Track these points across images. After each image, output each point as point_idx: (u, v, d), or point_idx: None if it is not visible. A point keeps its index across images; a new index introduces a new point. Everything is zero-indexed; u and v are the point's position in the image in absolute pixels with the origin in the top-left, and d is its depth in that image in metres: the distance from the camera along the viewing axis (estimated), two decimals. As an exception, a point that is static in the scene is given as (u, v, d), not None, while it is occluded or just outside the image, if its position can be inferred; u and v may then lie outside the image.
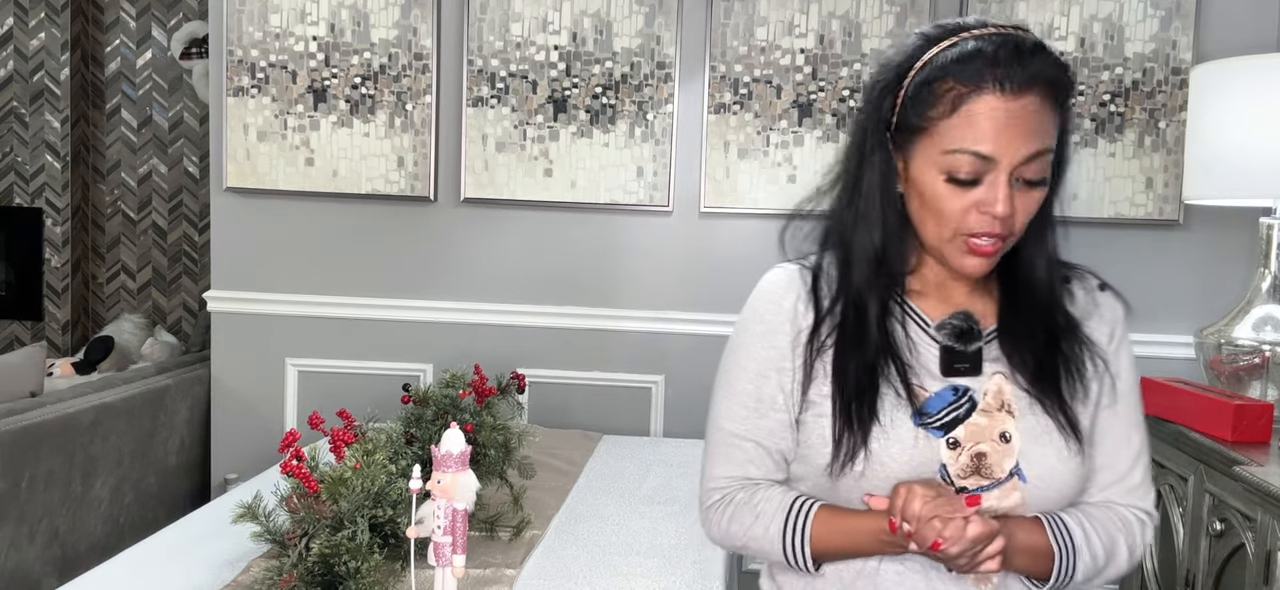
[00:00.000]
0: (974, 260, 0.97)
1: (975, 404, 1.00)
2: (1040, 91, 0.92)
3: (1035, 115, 0.91)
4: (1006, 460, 0.99)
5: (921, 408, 0.99)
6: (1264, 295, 2.09)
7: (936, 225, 0.97)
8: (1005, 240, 0.96)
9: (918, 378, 1.01)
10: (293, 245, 2.82)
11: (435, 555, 1.16)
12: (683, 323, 2.76)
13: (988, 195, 0.93)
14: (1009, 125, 0.91)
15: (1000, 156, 0.91)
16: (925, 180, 0.96)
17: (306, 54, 2.73)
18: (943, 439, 0.99)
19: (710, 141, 2.69)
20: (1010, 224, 0.94)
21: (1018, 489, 0.99)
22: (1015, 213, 0.94)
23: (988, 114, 0.91)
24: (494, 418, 1.78)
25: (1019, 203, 0.94)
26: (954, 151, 0.93)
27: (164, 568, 1.48)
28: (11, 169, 4.37)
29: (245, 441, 2.84)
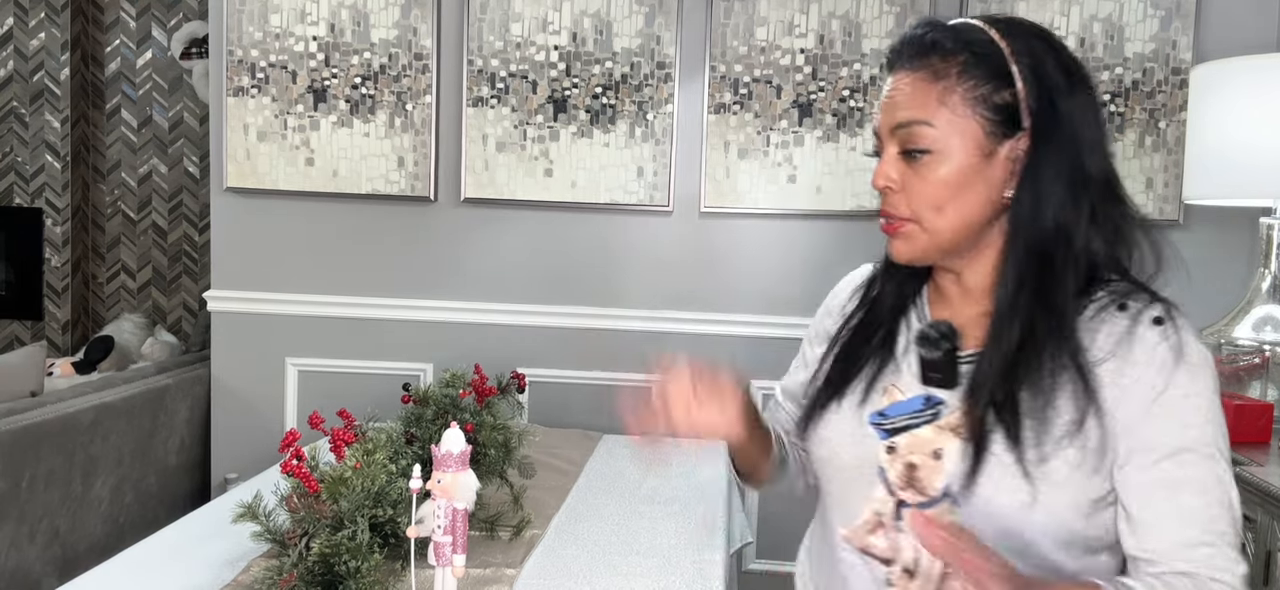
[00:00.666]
0: (889, 239, 0.99)
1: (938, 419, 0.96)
2: (908, 71, 0.94)
3: (906, 88, 0.94)
4: (936, 478, 0.90)
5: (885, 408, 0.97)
6: (1264, 295, 2.09)
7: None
8: (905, 222, 0.96)
9: (899, 379, 1.00)
10: (293, 245, 2.82)
11: (435, 555, 1.16)
12: (683, 323, 2.76)
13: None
14: (887, 103, 0.96)
15: (880, 129, 0.97)
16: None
17: (306, 54, 2.74)
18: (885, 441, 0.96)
19: (710, 141, 2.69)
20: (895, 201, 0.96)
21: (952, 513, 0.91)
22: (900, 186, 0.95)
23: (882, 95, 0.99)
24: (494, 418, 1.78)
25: (908, 179, 0.94)
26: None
27: (164, 568, 1.48)
28: (11, 169, 4.38)
29: (245, 441, 2.84)
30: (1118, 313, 0.91)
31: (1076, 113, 0.92)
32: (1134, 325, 0.90)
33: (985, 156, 0.93)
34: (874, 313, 1.06)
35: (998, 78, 0.92)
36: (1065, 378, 0.89)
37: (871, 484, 0.95)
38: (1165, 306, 0.92)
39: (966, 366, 0.96)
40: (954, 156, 0.92)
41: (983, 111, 0.92)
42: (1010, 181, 0.93)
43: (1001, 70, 0.92)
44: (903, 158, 0.95)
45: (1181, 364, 0.89)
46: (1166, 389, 0.88)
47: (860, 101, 2.65)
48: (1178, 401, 0.88)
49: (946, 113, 0.92)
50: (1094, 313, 0.92)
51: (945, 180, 0.93)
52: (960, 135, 0.92)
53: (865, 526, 0.96)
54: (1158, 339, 0.89)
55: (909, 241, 0.97)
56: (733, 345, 2.74)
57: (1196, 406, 0.88)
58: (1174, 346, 0.89)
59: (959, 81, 0.92)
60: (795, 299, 2.68)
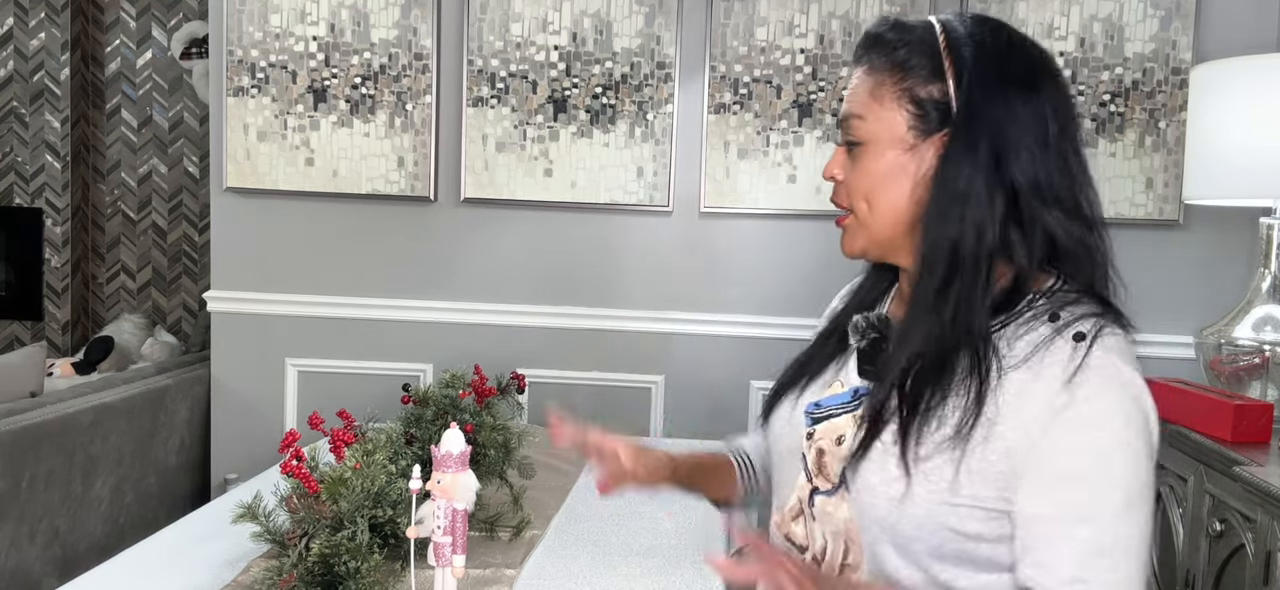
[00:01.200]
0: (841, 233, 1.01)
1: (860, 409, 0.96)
2: (860, 60, 0.97)
3: (854, 82, 0.97)
4: (836, 465, 0.94)
5: (821, 399, 1.01)
6: (1264, 295, 2.09)
7: None
8: (850, 215, 0.97)
9: (845, 372, 1.01)
10: (293, 245, 2.82)
11: (435, 555, 1.16)
12: (683, 323, 2.76)
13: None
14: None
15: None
16: None
17: (306, 54, 2.74)
18: (807, 428, 1.00)
19: (710, 141, 2.69)
20: (838, 193, 0.98)
21: (845, 500, 0.93)
22: (841, 177, 0.97)
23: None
24: (494, 418, 1.78)
25: (847, 172, 0.97)
26: None
27: (164, 568, 1.48)
28: (11, 169, 4.38)
29: (245, 441, 2.84)
30: (1046, 323, 0.87)
31: (1004, 112, 0.88)
32: (1054, 336, 0.85)
33: (907, 150, 0.92)
34: (847, 312, 1.08)
35: (931, 72, 0.91)
36: (968, 381, 0.86)
37: (797, 471, 1.01)
38: (1098, 322, 0.86)
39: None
40: (880, 149, 0.94)
41: (907, 104, 0.92)
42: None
43: (935, 65, 0.91)
44: (846, 151, 0.97)
45: (1088, 383, 0.82)
46: (1067, 407, 0.82)
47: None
48: (1078, 423, 0.82)
49: (876, 106, 0.94)
50: (1024, 321, 0.88)
51: (872, 172, 0.94)
52: (887, 128, 0.93)
53: (790, 513, 1.01)
54: (1071, 354, 0.84)
55: (849, 235, 0.99)
56: (733, 345, 2.74)
57: (1099, 435, 0.82)
58: (1085, 363, 0.83)
59: (890, 75, 0.93)
60: (795, 299, 2.68)
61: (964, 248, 0.88)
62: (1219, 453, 1.83)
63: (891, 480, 0.88)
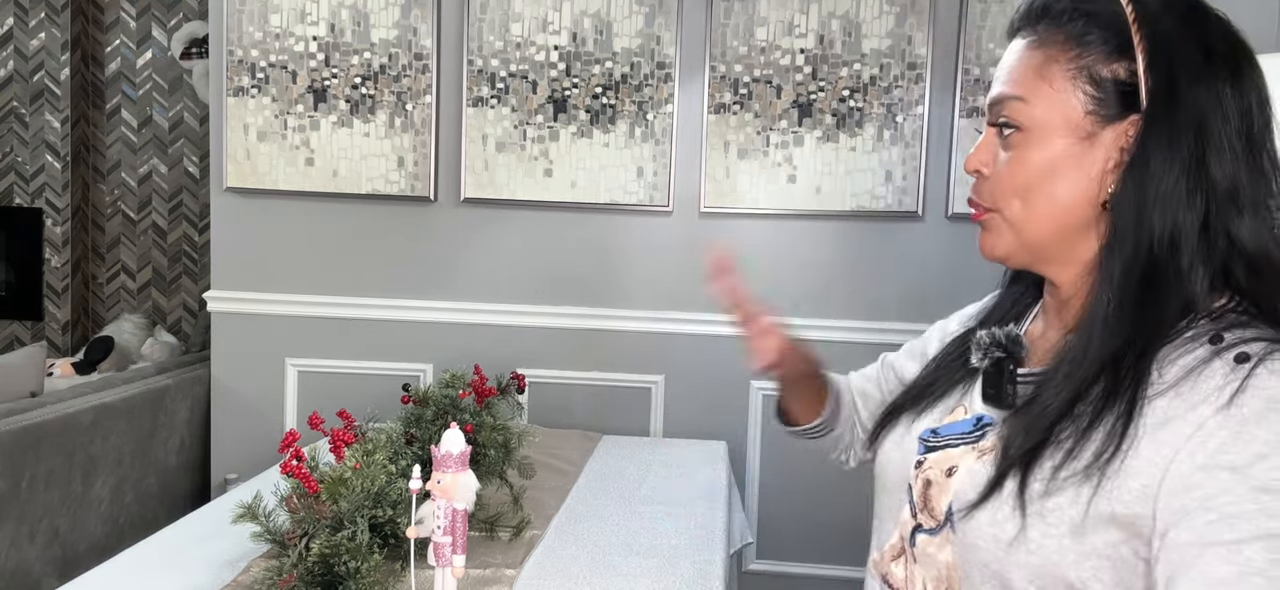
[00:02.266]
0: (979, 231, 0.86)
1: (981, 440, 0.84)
2: (1023, 32, 0.83)
3: (1012, 58, 0.82)
4: (944, 499, 0.82)
5: (938, 427, 0.89)
6: (1264, 295, 2.09)
7: None
8: (989, 212, 0.84)
9: (970, 397, 0.89)
10: (293, 245, 2.82)
11: (435, 555, 1.16)
12: (683, 323, 2.76)
13: None
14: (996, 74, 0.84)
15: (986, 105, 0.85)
16: None
17: (306, 54, 2.74)
18: (919, 456, 0.87)
19: (710, 141, 2.69)
20: (981, 188, 0.84)
21: (949, 542, 0.80)
22: (989, 170, 0.83)
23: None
24: (494, 418, 1.78)
25: (996, 159, 0.83)
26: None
27: (164, 568, 1.48)
28: (11, 169, 4.38)
29: (245, 441, 2.84)
30: (1206, 344, 0.72)
31: (1207, 100, 0.75)
32: (1212, 358, 0.70)
33: (1082, 139, 0.78)
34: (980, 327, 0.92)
35: (1115, 49, 0.77)
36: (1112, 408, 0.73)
37: (902, 504, 0.88)
38: (1270, 346, 0.70)
39: (1025, 387, 0.83)
40: (1047, 136, 0.79)
41: (1084, 85, 0.78)
42: (1115, 175, 0.78)
43: (1121, 40, 0.77)
44: (998, 137, 0.83)
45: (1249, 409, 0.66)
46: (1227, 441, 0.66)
47: (860, 101, 2.65)
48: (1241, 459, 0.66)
49: (1045, 86, 0.79)
50: (1182, 343, 0.73)
51: (1033, 163, 0.79)
52: (1059, 111, 0.78)
53: (892, 551, 0.89)
54: (1228, 374, 0.69)
55: (992, 235, 0.84)
56: (733, 345, 2.73)
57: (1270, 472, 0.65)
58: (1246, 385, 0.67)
59: (1064, 50, 0.79)
60: (795, 299, 2.68)
61: (1163, 261, 0.75)
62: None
63: (1002, 521, 0.75)
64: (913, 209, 2.65)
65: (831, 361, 1.17)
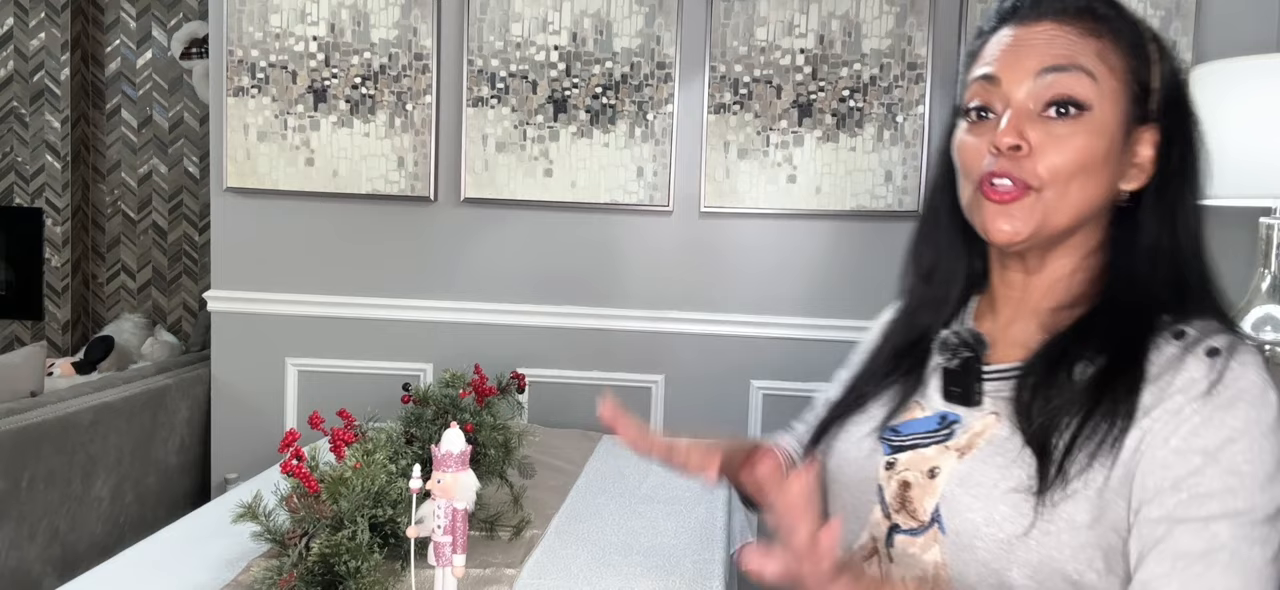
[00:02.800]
0: (995, 212, 0.81)
1: (949, 439, 0.84)
2: (1060, 20, 0.81)
3: (1055, 38, 0.80)
4: (928, 499, 0.82)
5: (899, 425, 0.89)
6: (1263, 295, 2.09)
7: (962, 184, 0.86)
8: (1027, 189, 0.79)
9: (925, 396, 0.90)
10: (293, 245, 2.82)
11: (435, 555, 1.16)
12: (683, 323, 2.76)
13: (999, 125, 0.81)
14: (1017, 47, 0.82)
15: (1003, 73, 0.81)
16: (955, 138, 0.88)
17: (306, 54, 2.74)
18: (887, 457, 0.87)
19: (710, 141, 2.69)
20: (1024, 165, 0.79)
21: (937, 542, 0.81)
22: (1032, 148, 0.79)
23: (997, 42, 0.84)
24: (494, 418, 1.78)
25: (1044, 137, 0.79)
26: (967, 86, 0.86)
27: (164, 568, 1.48)
28: (11, 169, 4.38)
29: (245, 441, 2.84)
30: (1172, 341, 0.78)
31: (1195, 118, 0.85)
32: (1184, 354, 0.76)
33: (1124, 135, 0.81)
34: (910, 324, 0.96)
35: (1144, 60, 0.82)
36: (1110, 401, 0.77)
37: (870, 505, 0.88)
38: (1231, 339, 0.76)
39: (993, 384, 0.85)
40: (1104, 125, 0.79)
41: (1132, 84, 0.81)
42: (1127, 175, 0.82)
43: (1140, 49, 0.82)
44: (1041, 114, 0.80)
45: (1222, 398, 0.73)
46: (1200, 426, 0.73)
47: (860, 101, 2.65)
48: (1212, 443, 0.72)
49: (1106, 71, 0.80)
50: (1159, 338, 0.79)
51: (1088, 148, 0.78)
52: (1113, 102, 0.79)
53: (862, 551, 0.89)
54: (1205, 370, 0.74)
55: (1026, 216, 0.80)
56: (733, 345, 2.74)
57: (1237, 455, 0.71)
58: (1218, 377, 0.73)
59: (1116, 45, 0.81)
60: (795, 299, 2.68)
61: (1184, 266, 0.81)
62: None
63: (1001, 520, 0.76)
64: (913, 209, 2.65)
65: (832, 361, 1.17)
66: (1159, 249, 0.81)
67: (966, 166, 0.85)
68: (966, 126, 0.85)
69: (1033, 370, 0.81)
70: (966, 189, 0.85)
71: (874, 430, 0.91)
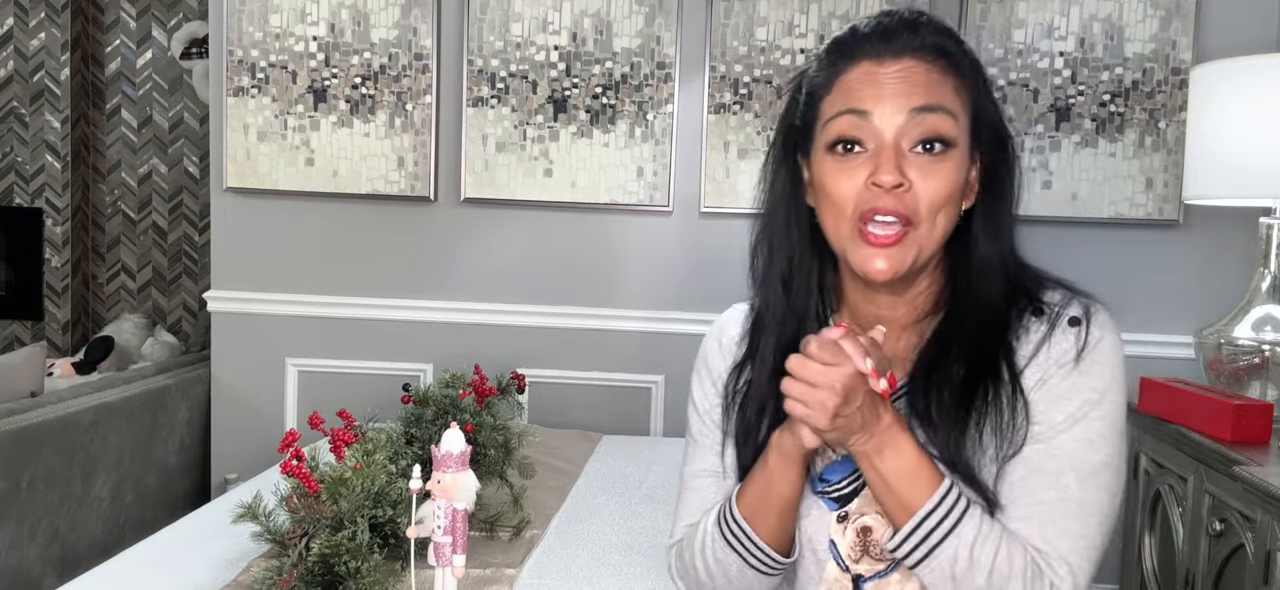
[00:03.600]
0: (872, 254, 0.84)
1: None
2: (920, 56, 0.85)
3: (919, 76, 0.84)
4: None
5: (820, 473, 0.89)
6: (1263, 295, 2.09)
7: (834, 218, 0.87)
8: (909, 228, 0.83)
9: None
10: (293, 245, 2.82)
11: (435, 555, 1.16)
12: (683, 323, 2.76)
13: (875, 164, 0.84)
14: (885, 82, 0.84)
15: (874, 108, 0.84)
16: (818, 168, 0.89)
17: (306, 54, 2.74)
18: (835, 511, 0.88)
19: (710, 141, 2.69)
20: (906, 201, 0.83)
21: (911, 577, 0.85)
22: (912, 186, 0.83)
23: (861, 76, 0.86)
24: (494, 418, 1.78)
25: (918, 174, 0.83)
26: (832, 118, 0.87)
27: (164, 568, 1.48)
28: (11, 169, 4.37)
29: (245, 441, 2.84)
30: (1034, 318, 0.88)
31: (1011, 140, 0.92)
32: (1052, 330, 0.87)
33: (970, 164, 0.88)
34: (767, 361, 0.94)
35: (977, 89, 0.88)
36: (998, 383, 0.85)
37: (821, 565, 0.88)
38: (1082, 302, 0.88)
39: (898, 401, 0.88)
40: (963, 156, 0.85)
41: (971, 117, 0.87)
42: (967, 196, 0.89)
43: (978, 83, 0.88)
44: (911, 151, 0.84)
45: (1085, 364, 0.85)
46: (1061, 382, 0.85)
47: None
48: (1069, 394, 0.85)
49: (960, 107, 0.85)
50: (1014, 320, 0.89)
51: (955, 181, 0.84)
52: (965, 135, 0.86)
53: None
54: (1074, 339, 0.86)
55: (902, 254, 0.84)
56: (733, 345, 2.73)
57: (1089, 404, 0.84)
58: (1082, 346, 0.85)
59: (965, 83, 0.86)
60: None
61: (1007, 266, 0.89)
62: (1219, 452, 1.83)
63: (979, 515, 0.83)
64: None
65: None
66: (990, 257, 0.89)
67: (839, 201, 0.86)
68: (832, 160, 0.87)
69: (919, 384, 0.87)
70: (842, 225, 0.87)
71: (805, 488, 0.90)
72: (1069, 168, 2.62)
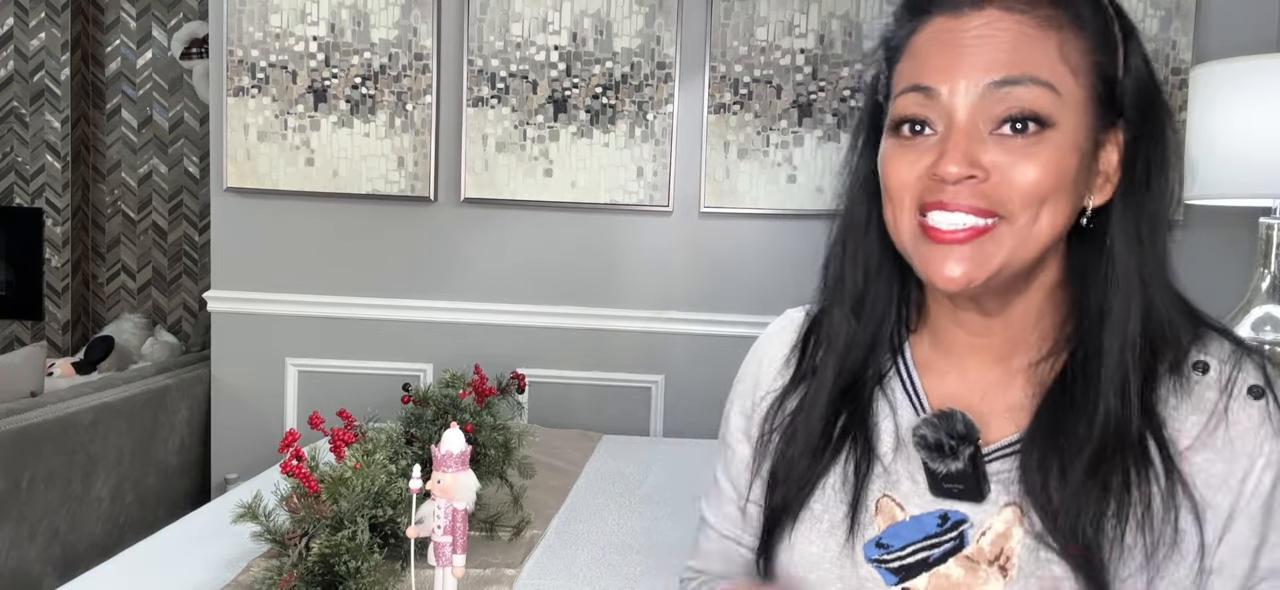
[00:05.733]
0: (942, 254, 0.66)
1: (964, 544, 0.68)
2: (1009, 7, 0.65)
3: (1007, 32, 0.65)
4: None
5: (881, 536, 0.70)
6: (1264, 295, 2.09)
7: (892, 212, 0.70)
8: (985, 222, 0.65)
9: (897, 487, 0.72)
10: (293, 245, 2.82)
11: (435, 555, 1.16)
12: (683, 323, 2.76)
13: (942, 149, 0.66)
14: (956, 47, 0.66)
15: (943, 83, 0.66)
16: (882, 152, 0.72)
17: (306, 54, 2.74)
18: (894, 586, 0.69)
19: (710, 141, 2.69)
20: (984, 192, 0.65)
21: None
22: (988, 172, 0.65)
23: (932, 38, 0.68)
24: (494, 418, 1.78)
25: (1003, 159, 0.64)
26: (900, 93, 0.69)
27: (164, 568, 1.48)
28: (12, 169, 4.37)
29: (245, 441, 2.84)
30: (1196, 375, 0.68)
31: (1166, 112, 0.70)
32: (1226, 397, 0.67)
33: (1094, 144, 0.67)
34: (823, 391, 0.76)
35: (1110, 45, 0.68)
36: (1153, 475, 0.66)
37: None
38: (1258, 365, 0.68)
39: (998, 463, 0.70)
40: (1072, 138, 0.65)
41: (1097, 83, 0.66)
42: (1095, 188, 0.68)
43: (1106, 36, 0.68)
44: (994, 132, 0.65)
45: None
46: (1275, 489, 0.66)
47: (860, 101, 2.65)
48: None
49: (1069, 76, 0.65)
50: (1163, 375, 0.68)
51: (1056, 167, 0.64)
52: (1079, 113, 0.66)
53: None
54: (1261, 418, 0.66)
55: (981, 256, 0.65)
56: (733, 345, 2.73)
57: None
58: (1277, 424, 0.66)
59: (1077, 35, 0.66)
60: (795, 299, 2.67)
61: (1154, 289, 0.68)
62: (1219, 453, 1.83)
63: None
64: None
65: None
66: (1131, 274, 0.68)
67: (896, 193, 0.69)
68: (894, 142, 0.70)
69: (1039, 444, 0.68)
70: (902, 222, 0.69)
71: (843, 545, 0.72)
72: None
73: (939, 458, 0.68)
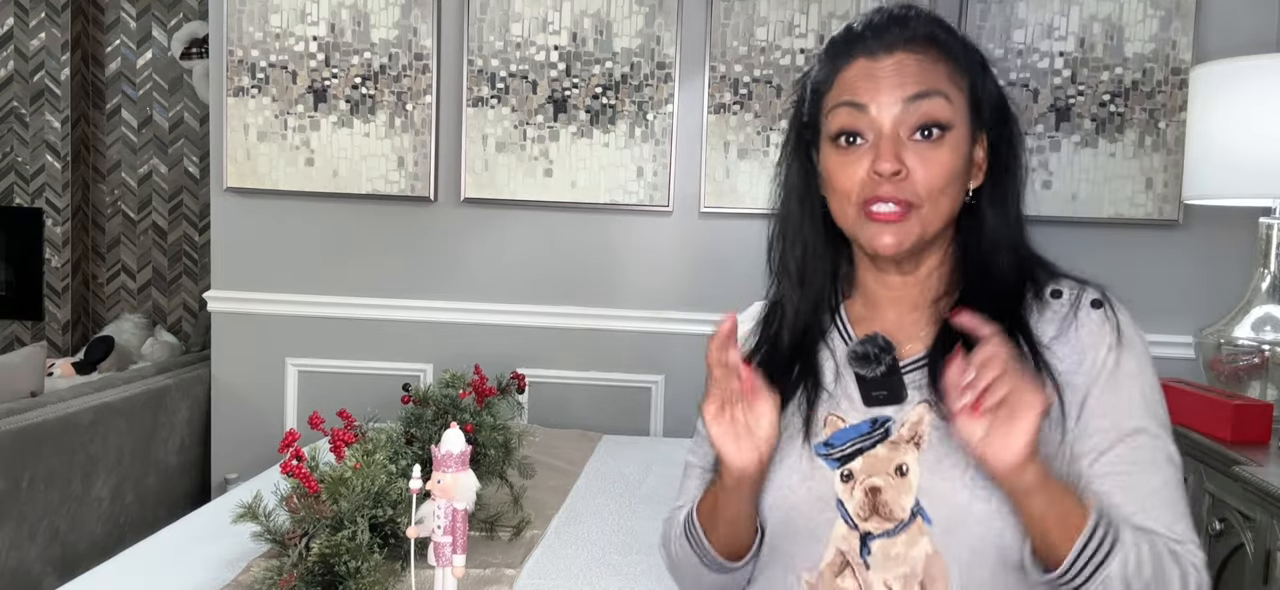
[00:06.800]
0: (878, 230, 0.90)
1: (888, 437, 0.90)
2: (910, 48, 0.91)
3: (913, 67, 0.90)
4: (904, 497, 0.87)
5: (828, 438, 0.93)
6: (1263, 295, 2.09)
7: (840, 205, 0.94)
8: (910, 208, 0.89)
9: (838, 407, 0.94)
10: (293, 245, 2.82)
11: (435, 555, 1.16)
12: (683, 323, 2.76)
13: (875, 153, 0.90)
14: (880, 77, 0.91)
15: (871, 101, 0.90)
16: (825, 160, 0.95)
17: (306, 54, 2.74)
18: (837, 471, 0.91)
19: (710, 141, 2.69)
20: (905, 188, 0.88)
21: (924, 533, 0.86)
22: (910, 174, 0.88)
23: (857, 72, 0.93)
24: (494, 418, 1.78)
25: (917, 160, 0.88)
26: (833, 111, 0.93)
27: (164, 568, 1.48)
28: (12, 169, 4.38)
29: (245, 441, 2.84)
30: (1053, 300, 0.93)
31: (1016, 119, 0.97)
32: (1074, 310, 0.91)
33: (971, 143, 0.92)
34: (780, 346, 1.00)
35: (974, 73, 0.94)
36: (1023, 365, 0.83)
37: (830, 522, 0.90)
38: (1100, 289, 0.93)
39: (913, 374, 0.92)
40: (961, 137, 0.91)
41: (971, 99, 0.92)
42: (973, 176, 0.94)
43: (974, 67, 0.94)
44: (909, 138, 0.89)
45: (1125, 345, 0.90)
46: (1115, 369, 0.89)
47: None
48: (1125, 382, 0.89)
49: (957, 93, 0.91)
50: (1029, 301, 0.93)
51: (953, 162, 0.90)
52: (963, 117, 0.91)
53: (831, 569, 0.90)
54: (1101, 320, 0.91)
55: (904, 230, 0.90)
56: (733, 345, 2.73)
57: (1142, 386, 0.90)
58: (1116, 328, 0.90)
59: (959, 68, 0.92)
60: (795, 299, 2.67)
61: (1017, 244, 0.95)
62: (1218, 452, 1.83)
63: (986, 491, 0.84)
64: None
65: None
66: (998, 232, 0.95)
67: (843, 189, 0.92)
68: (836, 152, 0.93)
69: (938, 356, 0.89)
70: (848, 210, 0.93)
71: (801, 447, 0.93)
72: (1069, 168, 2.62)
73: (866, 365, 0.92)
